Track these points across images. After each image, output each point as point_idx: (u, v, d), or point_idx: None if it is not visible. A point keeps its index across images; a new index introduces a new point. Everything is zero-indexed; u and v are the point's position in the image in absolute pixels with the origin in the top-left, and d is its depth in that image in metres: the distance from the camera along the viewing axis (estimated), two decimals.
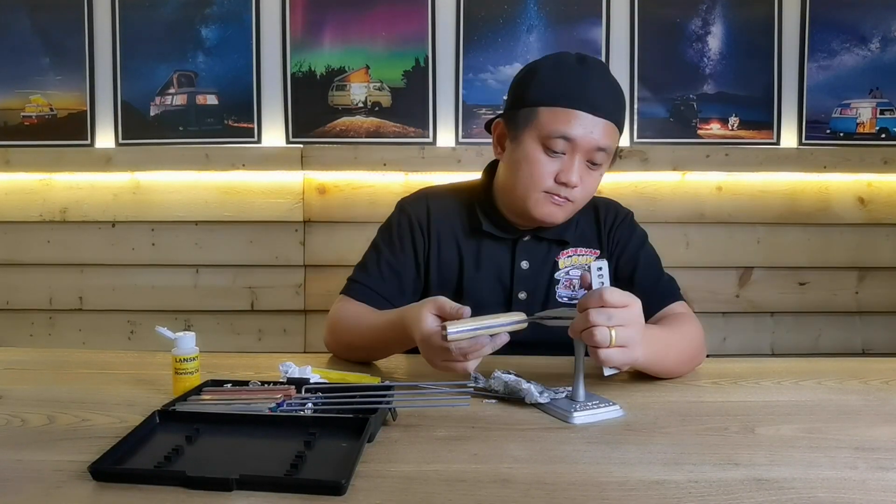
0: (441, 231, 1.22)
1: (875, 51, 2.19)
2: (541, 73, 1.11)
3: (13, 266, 2.22)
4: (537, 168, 1.09)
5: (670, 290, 1.17)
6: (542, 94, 1.09)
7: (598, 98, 1.07)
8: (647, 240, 1.25)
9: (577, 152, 1.08)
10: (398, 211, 1.26)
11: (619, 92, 1.12)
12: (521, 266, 1.19)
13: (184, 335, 0.93)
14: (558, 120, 1.06)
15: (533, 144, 1.09)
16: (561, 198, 1.10)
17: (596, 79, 1.08)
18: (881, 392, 0.98)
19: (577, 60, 1.10)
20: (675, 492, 0.65)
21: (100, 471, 0.66)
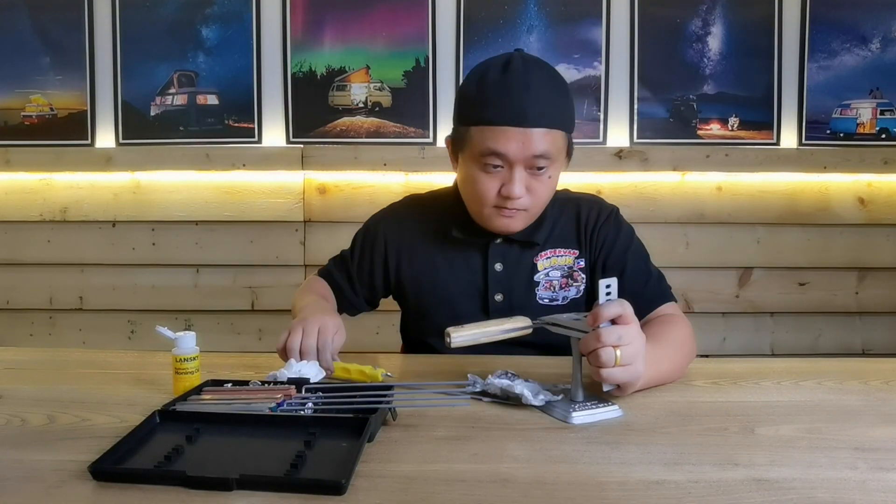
0: (413, 239, 1.25)
1: (875, 51, 2.19)
2: (466, 88, 1.11)
3: (13, 266, 2.22)
4: (478, 187, 1.10)
5: (659, 292, 1.16)
6: (468, 113, 1.10)
7: (524, 108, 1.04)
8: (633, 236, 1.23)
9: (515, 165, 1.07)
10: (368, 224, 1.31)
11: (552, 92, 1.08)
12: (494, 268, 1.19)
13: (184, 335, 0.93)
14: (486, 138, 1.06)
15: (470, 164, 1.10)
16: (510, 210, 1.10)
17: (520, 87, 1.05)
18: (881, 392, 0.98)
19: (502, 69, 1.07)
20: (675, 492, 0.65)
21: (100, 471, 0.66)
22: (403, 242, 1.25)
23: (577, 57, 2.17)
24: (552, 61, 2.14)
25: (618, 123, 2.18)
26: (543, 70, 1.10)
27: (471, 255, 1.21)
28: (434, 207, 1.26)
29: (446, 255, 1.22)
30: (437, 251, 1.22)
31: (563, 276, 1.20)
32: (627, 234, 1.22)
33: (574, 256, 1.20)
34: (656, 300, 1.14)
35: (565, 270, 1.20)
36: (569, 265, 1.20)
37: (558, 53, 2.17)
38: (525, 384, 0.90)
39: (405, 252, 1.24)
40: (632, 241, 1.22)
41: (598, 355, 0.83)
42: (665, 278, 1.19)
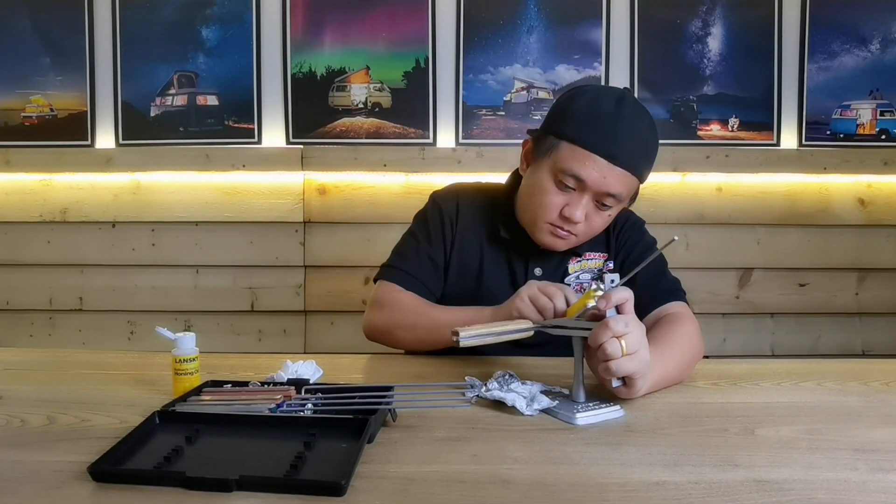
0: (466, 229, 1.26)
1: (875, 52, 2.19)
2: (575, 105, 1.10)
3: (13, 266, 2.22)
4: (545, 199, 1.11)
5: (672, 289, 1.18)
6: (568, 128, 1.09)
7: (621, 147, 1.07)
8: (654, 245, 1.27)
9: (586, 192, 1.09)
10: (432, 203, 1.30)
11: (647, 142, 1.12)
12: (534, 273, 1.22)
13: (184, 336, 0.93)
14: (575, 159, 1.07)
15: (547, 174, 1.11)
16: (563, 231, 1.13)
17: (626, 125, 1.07)
18: (881, 393, 0.98)
19: (616, 102, 1.08)
20: (675, 493, 0.65)
21: (99, 471, 0.66)
22: (459, 229, 1.26)
23: (577, 57, 2.17)
24: (552, 62, 2.18)
25: None
26: (647, 120, 1.12)
27: (514, 256, 1.23)
28: (486, 202, 1.28)
29: (492, 252, 1.24)
30: (485, 245, 1.25)
31: (594, 278, 1.23)
32: (649, 241, 1.27)
33: (603, 259, 1.24)
34: (668, 296, 1.16)
35: (595, 273, 1.23)
36: (599, 268, 1.23)
37: (558, 54, 2.17)
38: (523, 388, 0.90)
39: (458, 240, 1.26)
40: (652, 247, 1.26)
41: (604, 348, 0.84)
42: (680, 282, 1.21)
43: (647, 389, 0.92)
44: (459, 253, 1.26)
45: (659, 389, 0.96)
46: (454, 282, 1.25)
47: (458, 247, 1.26)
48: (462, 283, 1.25)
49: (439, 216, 1.27)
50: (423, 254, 1.25)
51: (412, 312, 1.18)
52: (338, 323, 2.21)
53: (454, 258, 1.26)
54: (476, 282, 1.24)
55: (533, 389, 0.89)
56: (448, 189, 1.33)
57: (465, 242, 1.26)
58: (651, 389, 0.93)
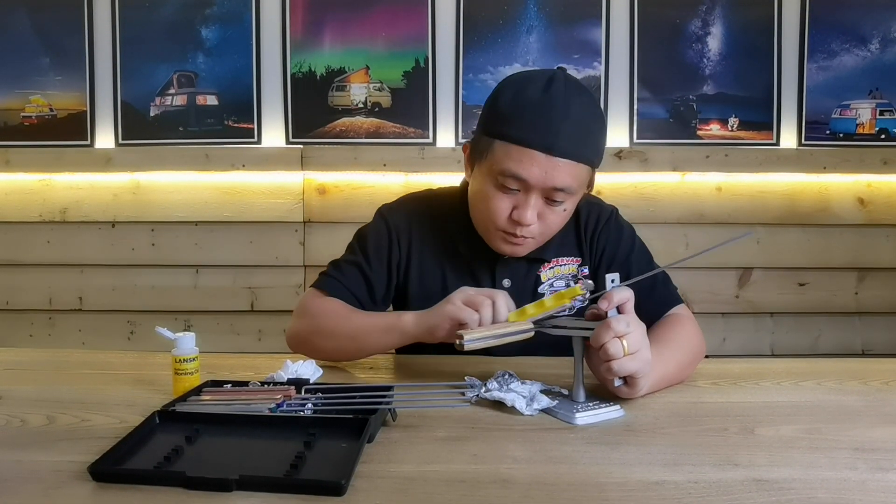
0: (423, 244, 1.19)
1: (875, 52, 2.19)
2: (501, 98, 1.02)
3: (13, 266, 2.22)
4: (490, 205, 1.04)
5: (667, 296, 1.15)
6: (497, 125, 1.01)
7: (559, 136, 0.97)
8: (635, 237, 1.21)
9: (532, 191, 1.01)
10: (378, 219, 1.22)
11: (587, 124, 1.01)
12: (503, 284, 1.15)
13: (184, 335, 0.93)
14: (511, 158, 0.99)
15: (487, 178, 1.04)
16: (517, 237, 1.05)
17: (559, 111, 0.98)
18: (881, 393, 0.98)
19: (543, 88, 0.99)
20: (675, 492, 0.65)
21: (99, 471, 0.66)
22: (413, 248, 1.19)
23: (577, 57, 2.17)
24: (552, 62, 2.17)
25: (618, 124, 2.18)
26: (584, 98, 1.02)
27: (479, 271, 1.16)
28: (440, 214, 1.19)
29: (455, 270, 1.17)
30: (445, 264, 1.18)
31: (567, 285, 1.17)
32: (629, 235, 1.20)
33: (577, 264, 1.18)
34: (665, 305, 1.13)
35: (569, 279, 1.17)
36: (573, 273, 1.18)
37: (558, 54, 2.17)
38: (522, 387, 0.90)
39: (415, 259, 1.19)
40: (634, 242, 1.20)
41: (606, 348, 0.83)
42: (670, 279, 1.18)
43: (647, 389, 0.91)
44: (419, 270, 1.18)
45: (660, 389, 0.96)
46: (418, 300, 1.16)
47: (415, 264, 1.18)
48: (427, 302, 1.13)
49: (386, 234, 1.19)
50: (356, 269, 1.17)
51: (332, 319, 1.09)
52: None
53: (413, 276, 1.18)
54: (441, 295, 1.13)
55: (532, 389, 0.89)
56: (398, 203, 1.24)
57: (425, 259, 1.18)
58: (652, 389, 0.93)
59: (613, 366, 0.84)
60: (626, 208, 1.23)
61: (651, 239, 1.27)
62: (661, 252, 1.25)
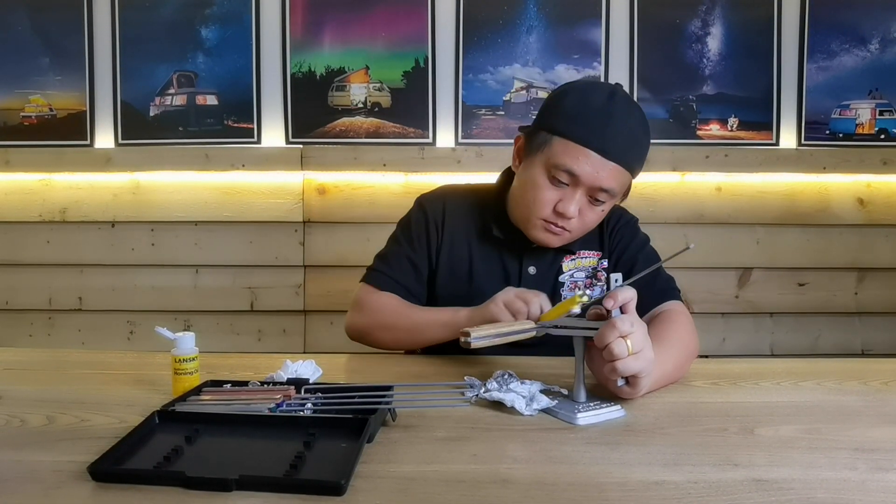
0: (455, 230, 1.26)
1: (874, 52, 2.19)
2: (567, 100, 1.10)
3: (13, 266, 2.22)
4: (539, 194, 1.11)
5: (667, 288, 1.18)
6: (560, 123, 1.09)
7: (614, 140, 1.06)
8: (648, 243, 1.27)
9: (579, 187, 1.09)
10: (417, 207, 1.30)
11: (639, 136, 1.11)
12: (528, 271, 1.22)
13: (183, 335, 0.93)
14: (568, 154, 1.07)
15: (540, 170, 1.11)
16: (557, 227, 1.13)
17: (618, 120, 1.07)
18: (880, 393, 0.98)
19: (608, 96, 1.08)
20: (675, 492, 0.65)
21: (99, 471, 0.66)
22: (446, 231, 1.26)
23: (577, 57, 2.17)
24: (552, 62, 2.18)
25: None
26: (638, 112, 1.11)
27: (507, 255, 1.23)
28: (475, 202, 1.28)
29: (483, 252, 1.24)
30: (475, 246, 1.25)
31: (588, 276, 1.23)
32: (643, 239, 1.26)
33: (598, 258, 1.24)
34: (664, 296, 1.16)
35: (589, 272, 1.23)
36: (593, 266, 1.23)
37: (558, 54, 2.17)
38: (522, 387, 0.90)
39: (446, 241, 1.26)
40: (645, 245, 1.26)
41: (611, 348, 0.83)
42: (674, 280, 1.20)
43: (648, 389, 0.92)
44: (448, 255, 1.25)
45: (658, 388, 0.97)
46: (445, 283, 1.25)
47: (446, 249, 1.25)
48: (453, 285, 1.24)
49: (424, 221, 1.27)
50: (404, 258, 1.25)
51: (390, 314, 1.20)
52: (337, 323, 2.20)
53: (443, 260, 1.25)
54: (468, 282, 1.23)
55: (532, 389, 0.89)
56: (435, 192, 1.33)
57: (455, 244, 1.25)
58: (651, 389, 0.94)
59: (618, 366, 0.84)
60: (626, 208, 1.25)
61: (651, 239, 1.28)
62: (661, 252, 1.26)
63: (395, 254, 1.27)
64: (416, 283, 1.25)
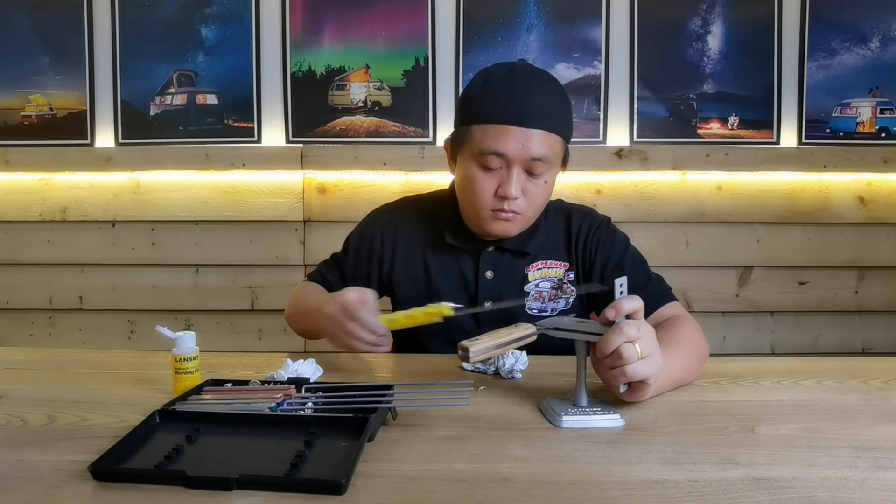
0: (409, 241, 1.26)
1: (875, 50, 2.19)
2: (471, 88, 1.13)
3: (13, 266, 2.22)
4: (477, 186, 1.11)
5: (660, 292, 1.17)
6: (471, 112, 1.11)
7: (527, 109, 1.07)
8: (629, 243, 1.24)
9: (513, 166, 1.09)
10: (364, 221, 1.33)
11: (554, 98, 1.11)
12: (485, 276, 1.21)
13: (184, 335, 0.93)
14: (488, 136, 1.08)
15: (470, 163, 1.12)
16: (507, 212, 1.12)
17: (523, 89, 1.07)
18: (881, 391, 0.98)
19: (507, 72, 1.10)
20: (675, 491, 0.65)
21: (100, 470, 0.66)
22: (398, 244, 1.27)
23: (577, 56, 2.17)
24: (552, 61, 2.17)
25: (618, 123, 2.18)
26: (546, 77, 1.13)
27: (463, 261, 1.22)
28: (429, 211, 1.27)
29: (439, 260, 1.24)
30: (430, 255, 1.24)
31: (553, 287, 1.21)
32: (622, 241, 1.24)
33: (564, 269, 1.22)
34: (658, 300, 1.15)
35: (555, 282, 1.21)
36: (559, 277, 1.21)
37: (558, 53, 2.17)
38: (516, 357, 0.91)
39: (400, 253, 1.26)
40: (627, 247, 1.23)
41: (621, 352, 0.81)
42: (664, 280, 1.19)
43: (653, 393, 0.91)
44: (405, 266, 1.26)
45: (664, 392, 0.96)
46: (405, 294, 1.25)
47: (400, 261, 1.26)
48: (413, 295, 1.23)
49: (369, 236, 1.29)
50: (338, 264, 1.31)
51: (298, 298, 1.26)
52: None
53: (398, 273, 1.26)
54: (426, 292, 1.23)
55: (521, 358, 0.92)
56: (389, 205, 1.34)
57: (410, 254, 1.26)
58: (656, 393, 0.92)
59: (628, 370, 0.82)
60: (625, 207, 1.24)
61: (651, 238, 1.28)
62: (661, 251, 1.27)
63: (333, 259, 1.33)
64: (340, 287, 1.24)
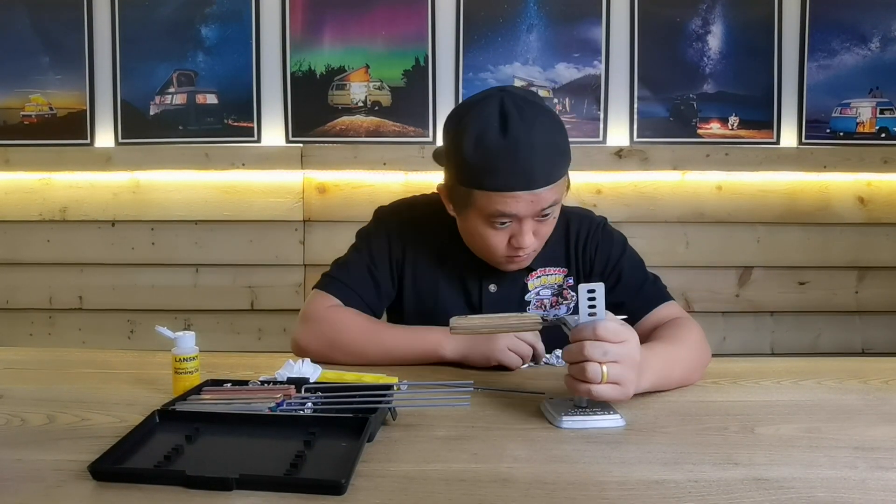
0: (417, 248, 1.22)
1: (875, 50, 2.19)
2: (465, 149, 1.02)
3: (13, 266, 2.22)
4: (489, 242, 1.08)
5: (657, 292, 1.16)
6: (472, 177, 1.04)
7: (531, 171, 1.01)
8: (626, 244, 1.23)
9: (524, 221, 1.05)
10: (376, 220, 1.26)
11: (553, 144, 1.04)
12: (489, 290, 1.19)
13: (183, 335, 0.93)
14: (494, 203, 1.03)
15: (478, 222, 1.07)
16: (521, 257, 1.10)
17: (523, 148, 1.00)
18: (881, 392, 0.98)
19: (499, 126, 1.01)
20: (675, 491, 0.65)
21: (100, 470, 0.66)
22: (410, 247, 1.22)
23: (577, 56, 2.17)
24: (552, 61, 2.17)
25: (618, 123, 2.18)
26: (540, 117, 1.03)
27: (468, 274, 1.20)
28: (432, 223, 1.21)
29: (446, 271, 1.21)
30: (438, 264, 1.21)
31: (553, 294, 1.20)
32: (620, 242, 1.22)
33: (563, 275, 1.21)
34: (655, 300, 1.14)
35: (555, 289, 1.20)
36: (558, 283, 1.20)
37: (558, 52, 2.17)
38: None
39: (409, 258, 1.22)
40: (625, 248, 1.22)
41: (584, 369, 0.80)
42: (660, 280, 1.19)
43: (648, 387, 0.91)
44: (413, 273, 1.21)
45: (664, 390, 0.95)
46: (411, 303, 1.22)
47: (409, 267, 1.21)
48: (419, 304, 1.21)
49: (385, 233, 1.22)
50: (365, 270, 1.19)
51: (357, 333, 1.10)
52: None
53: (407, 279, 1.22)
54: (433, 302, 1.20)
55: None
56: (394, 208, 1.27)
57: (419, 262, 1.21)
58: (653, 387, 0.92)
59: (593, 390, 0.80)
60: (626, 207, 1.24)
61: (651, 238, 1.27)
62: (661, 251, 1.26)
63: (356, 263, 1.19)
64: (376, 299, 1.19)
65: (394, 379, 0.95)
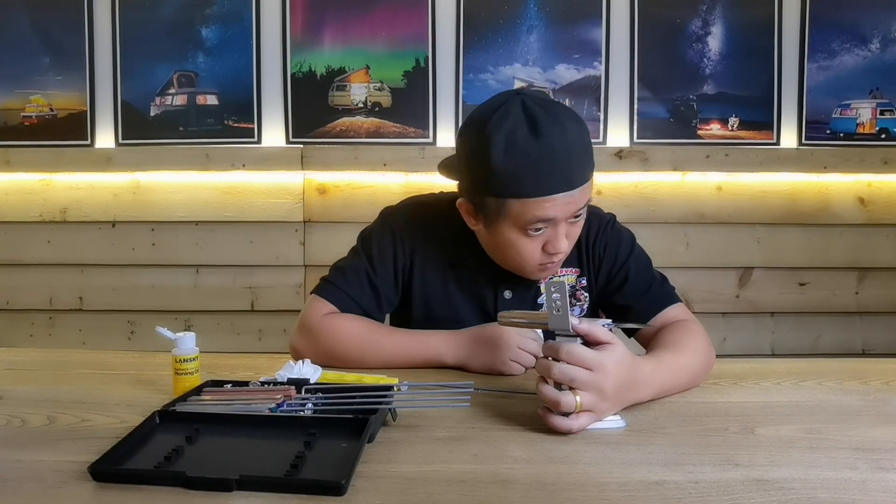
0: (426, 252, 1.17)
1: (875, 51, 2.19)
2: (493, 156, 0.97)
3: (13, 266, 2.22)
4: (523, 251, 1.04)
5: (664, 294, 1.14)
6: (504, 186, 0.99)
7: (569, 172, 0.98)
8: (634, 243, 1.21)
9: (560, 224, 1.03)
10: (381, 221, 1.20)
11: (582, 145, 1.01)
12: (503, 296, 1.16)
13: (184, 335, 0.93)
14: (530, 209, 0.99)
15: (512, 231, 1.03)
16: (554, 262, 1.08)
17: (561, 151, 0.97)
18: (881, 392, 0.98)
19: (530, 132, 0.96)
20: (675, 492, 0.65)
21: (100, 471, 0.66)
22: (418, 251, 1.17)
23: (577, 57, 2.17)
24: (552, 61, 2.17)
25: (618, 123, 2.18)
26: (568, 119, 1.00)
27: (482, 281, 1.16)
28: (444, 224, 1.16)
29: (458, 277, 1.17)
30: (449, 270, 1.17)
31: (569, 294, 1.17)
32: (628, 241, 1.20)
33: (576, 276, 1.19)
34: (662, 302, 1.13)
35: (569, 290, 1.17)
36: (571, 284, 1.18)
37: (558, 53, 2.17)
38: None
39: (418, 261, 1.17)
40: (632, 248, 1.20)
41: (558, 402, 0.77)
42: (668, 281, 1.18)
43: (652, 398, 0.90)
44: (421, 278, 1.17)
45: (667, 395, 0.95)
46: (420, 309, 1.18)
47: (418, 271, 1.17)
48: (428, 310, 1.17)
49: (390, 236, 1.16)
50: (364, 277, 1.14)
51: (355, 340, 1.08)
52: None
53: (416, 284, 1.17)
54: (444, 308, 1.16)
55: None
56: (401, 208, 1.22)
57: (427, 266, 1.17)
58: (657, 395, 0.92)
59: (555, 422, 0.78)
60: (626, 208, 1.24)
61: (651, 239, 1.27)
62: (661, 252, 1.26)
63: (354, 269, 1.15)
64: (374, 304, 1.15)
65: (394, 380, 0.95)
